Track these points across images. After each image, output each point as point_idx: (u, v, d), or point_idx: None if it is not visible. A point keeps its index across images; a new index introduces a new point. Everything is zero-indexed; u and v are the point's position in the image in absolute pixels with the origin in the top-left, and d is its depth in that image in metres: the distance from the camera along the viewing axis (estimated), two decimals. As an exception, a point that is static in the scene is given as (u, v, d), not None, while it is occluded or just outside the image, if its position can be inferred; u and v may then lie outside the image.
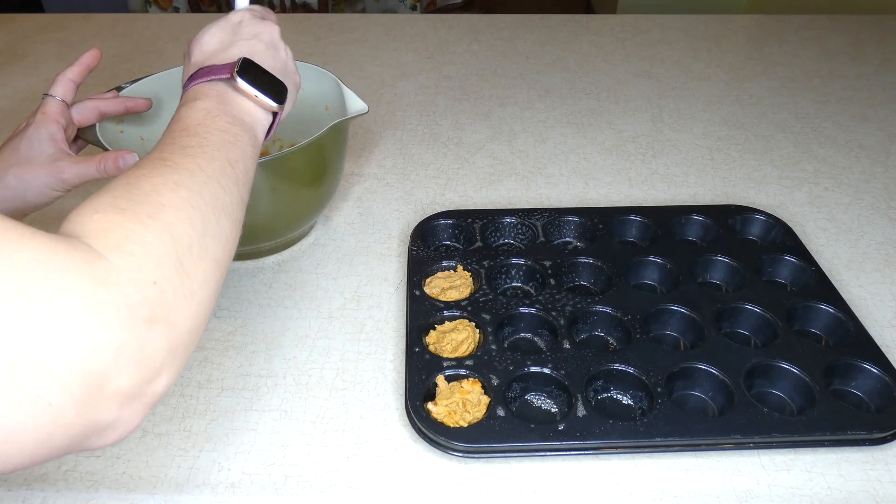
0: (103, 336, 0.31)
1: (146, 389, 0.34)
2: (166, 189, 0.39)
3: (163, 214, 0.37)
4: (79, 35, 1.32)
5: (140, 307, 0.33)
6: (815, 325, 0.68)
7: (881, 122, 1.06)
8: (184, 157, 0.43)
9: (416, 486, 0.55)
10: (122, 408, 0.32)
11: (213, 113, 0.48)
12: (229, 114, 0.49)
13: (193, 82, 0.52)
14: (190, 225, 0.39)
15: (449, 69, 1.21)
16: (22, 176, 0.61)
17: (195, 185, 0.41)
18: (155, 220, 0.37)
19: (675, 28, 1.38)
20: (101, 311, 0.31)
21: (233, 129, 0.48)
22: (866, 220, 0.85)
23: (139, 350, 0.33)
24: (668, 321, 0.68)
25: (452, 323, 0.66)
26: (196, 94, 0.50)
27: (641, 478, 0.55)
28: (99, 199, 0.37)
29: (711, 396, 0.61)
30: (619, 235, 0.80)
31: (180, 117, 0.48)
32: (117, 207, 0.37)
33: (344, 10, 3.06)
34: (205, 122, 0.47)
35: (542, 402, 0.61)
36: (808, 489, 0.54)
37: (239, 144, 0.48)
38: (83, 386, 0.30)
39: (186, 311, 0.36)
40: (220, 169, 0.44)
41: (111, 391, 0.32)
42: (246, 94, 0.51)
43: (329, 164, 0.76)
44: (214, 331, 0.69)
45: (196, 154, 0.44)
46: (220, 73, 0.51)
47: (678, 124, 1.05)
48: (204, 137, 0.46)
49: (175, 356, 0.35)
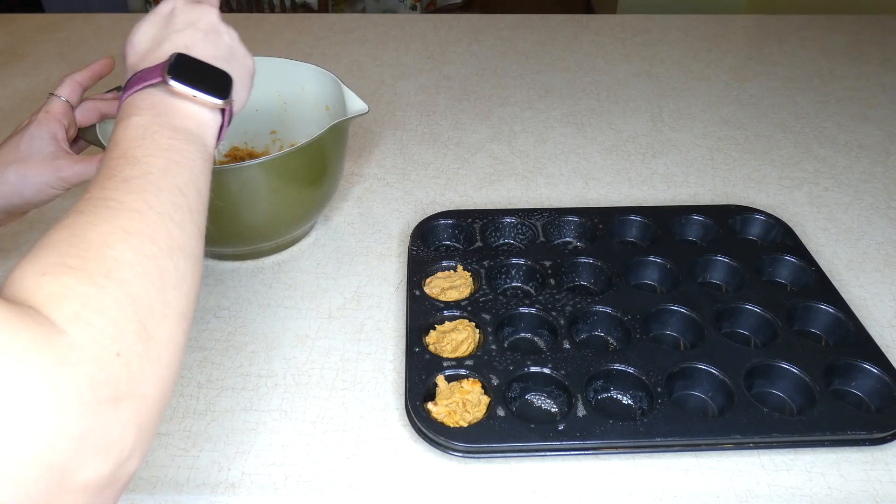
0: (66, 425, 0.28)
1: (117, 475, 0.30)
2: (116, 239, 0.35)
3: (117, 272, 0.34)
4: (79, 35, 1.32)
5: (104, 386, 0.30)
6: (815, 325, 0.68)
7: (881, 122, 1.06)
8: (128, 194, 0.38)
9: (416, 486, 0.55)
10: (92, 500, 0.29)
11: (152, 129, 0.43)
12: (169, 125, 0.44)
13: (126, 93, 0.46)
14: (147, 280, 0.35)
15: (449, 69, 1.22)
16: (22, 173, 0.60)
17: (146, 229, 0.37)
18: (111, 280, 0.33)
19: (675, 28, 1.38)
20: (62, 397, 0.28)
21: (177, 144, 0.43)
22: (866, 220, 0.85)
23: (105, 434, 0.29)
24: (668, 321, 0.68)
25: (452, 323, 0.66)
26: (129, 108, 0.45)
27: (641, 478, 0.55)
28: (42, 256, 0.33)
29: (711, 396, 0.61)
30: (619, 235, 0.80)
31: (116, 140, 0.43)
32: (66, 266, 0.33)
33: (344, 10, 3.06)
34: (142, 142, 0.42)
35: (542, 402, 0.61)
36: (808, 489, 0.54)
37: (186, 163, 0.43)
38: (42, 482, 0.27)
39: (153, 380, 0.33)
40: (171, 200, 0.40)
41: (78, 484, 0.28)
42: (183, 96, 0.45)
43: (329, 164, 0.76)
44: (214, 331, 0.69)
45: (140, 187, 0.39)
46: (150, 78, 0.46)
47: (678, 124, 1.05)
48: (146, 164, 0.41)
49: (144, 431, 0.32)
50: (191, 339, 0.68)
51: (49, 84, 1.13)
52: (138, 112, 0.44)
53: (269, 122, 0.88)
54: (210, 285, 0.74)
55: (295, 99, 0.85)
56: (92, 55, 1.22)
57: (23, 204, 0.61)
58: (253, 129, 0.88)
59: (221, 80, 0.48)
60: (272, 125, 0.88)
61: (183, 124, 0.45)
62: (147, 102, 0.45)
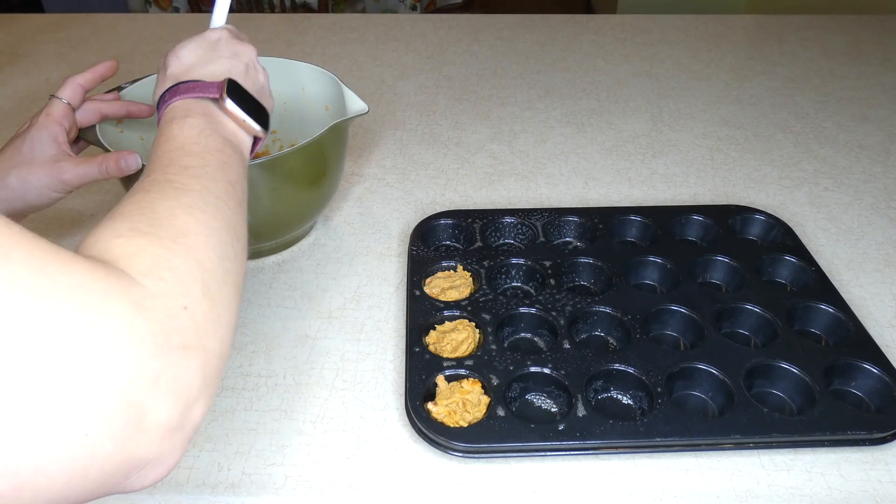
0: (142, 364, 0.30)
1: (185, 420, 0.32)
2: (182, 212, 0.38)
3: (185, 239, 0.37)
4: (79, 35, 1.32)
5: (175, 334, 0.32)
6: (815, 325, 0.68)
7: (881, 122, 1.06)
8: (189, 179, 0.42)
9: (416, 486, 0.55)
10: (161, 441, 0.31)
11: (206, 132, 0.47)
12: (220, 134, 0.48)
13: (177, 97, 0.50)
14: (211, 249, 0.38)
15: (449, 69, 1.21)
16: (23, 176, 0.60)
17: (208, 207, 0.40)
18: (179, 245, 0.36)
19: (675, 28, 1.38)
20: (140, 339, 0.30)
21: (226, 149, 0.47)
22: (866, 220, 0.85)
23: (176, 378, 0.31)
24: (668, 321, 0.68)
25: (452, 323, 0.66)
26: (185, 110, 0.49)
27: (641, 478, 0.55)
28: (115, 223, 0.36)
29: (711, 396, 0.61)
30: (619, 235, 0.80)
31: (174, 135, 0.46)
32: (139, 231, 0.36)
33: (344, 10, 3.06)
34: (200, 141, 0.46)
35: (542, 402, 0.61)
36: (808, 489, 0.54)
37: (234, 165, 0.47)
38: (122, 418, 0.29)
39: (216, 336, 0.35)
40: (225, 190, 0.43)
41: (151, 423, 0.30)
42: (233, 117, 0.50)
43: (329, 164, 0.75)
44: (214, 331, 0.69)
45: (200, 175, 0.43)
46: (207, 92, 0.50)
47: (678, 124, 1.05)
48: (203, 158, 0.44)
49: (209, 383, 0.34)
50: (191, 339, 0.68)
51: (49, 84, 1.13)
52: (194, 115, 0.48)
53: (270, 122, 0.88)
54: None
55: (295, 99, 0.85)
56: (92, 55, 1.22)
57: (24, 208, 0.62)
58: None
59: (262, 113, 0.53)
60: (272, 125, 0.88)
61: (229, 137, 0.49)
62: (201, 109, 0.49)
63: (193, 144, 0.45)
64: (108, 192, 0.86)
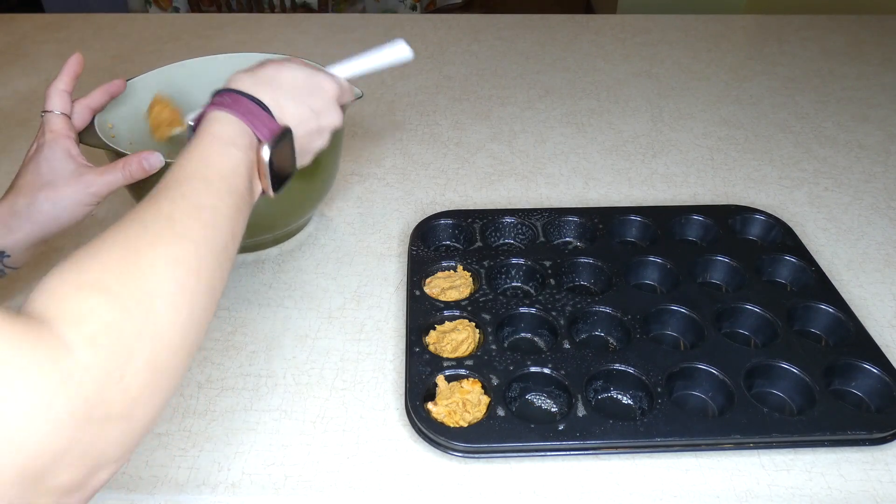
0: (53, 440, 0.28)
1: (88, 482, 0.31)
2: (163, 265, 0.36)
3: (150, 302, 0.34)
4: (79, 35, 1.32)
5: (100, 406, 0.30)
6: (815, 325, 0.68)
7: (881, 122, 1.06)
8: (193, 222, 0.40)
9: (416, 486, 0.55)
10: (61, 499, 0.30)
11: (239, 171, 0.46)
12: (250, 173, 0.48)
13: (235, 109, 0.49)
14: (176, 315, 0.36)
15: (449, 69, 1.21)
16: (53, 199, 0.59)
17: (195, 262, 0.38)
18: (140, 308, 0.34)
19: (675, 28, 1.38)
20: (57, 414, 0.28)
21: (246, 195, 0.46)
22: (866, 220, 0.85)
23: (89, 448, 0.30)
24: (668, 321, 0.68)
25: (452, 323, 0.66)
26: (234, 136, 0.48)
27: (641, 478, 0.55)
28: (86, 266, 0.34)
29: (711, 396, 0.61)
30: (619, 235, 0.80)
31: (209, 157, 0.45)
32: (102, 286, 0.33)
33: (344, 10, 3.06)
34: (229, 177, 0.45)
35: (542, 402, 0.61)
36: (808, 489, 0.54)
37: (244, 213, 0.46)
38: (17, 487, 0.28)
39: (149, 405, 0.33)
40: (223, 244, 0.42)
41: (48, 487, 0.29)
42: (260, 167, 0.49)
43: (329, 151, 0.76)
44: (214, 331, 0.69)
45: (208, 221, 0.41)
46: (260, 129, 0.49)
47: (678, 124, 1.05)
48: (220, 199, 0.43)
49: (127, 448, 0.33)
50: (191, 339, 0.68)
51: (49, 84, 1.13)
52: (238, 147, 0.47)
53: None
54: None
55: None
56: (92, 55, 1.22)
57: (59, 229, 0.61)
58: None
59: (286, 178, 0.53)
60: None
61: (253, 176, 0.49)
62: (246, 143, 0.48)
63: (221, 179, 0.44)
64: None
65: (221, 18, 1.41)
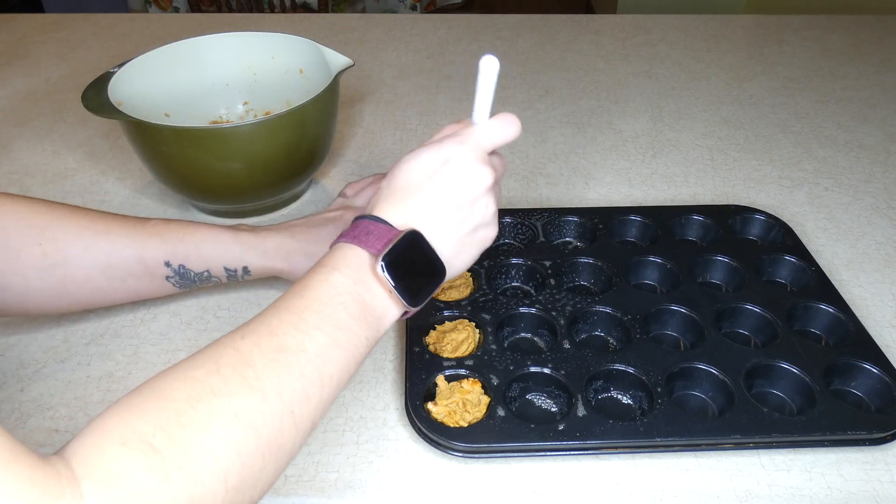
0: None
1: None
2: (221, 424, 0.33)
3: (196, 466, 0.32)
4: (79, 35, 1.32)
5: None
6: (815, 325, 0.68)
7: (881, 122, 1.06)
8: (268, 371, 0.36)
9: (416, 486, 0.55)
10: None
11: (340, 297, 0.42)
12: (359, 300, 0.43)
13: (348, 236, 0.45)
14: (223, 480, 0.33)
15: (449, 69, 1.21)
16: (301, 263, 0.64)
17: (258, 418, 0.35)
18: (182, 474, 0.31)
19: (675, 28, 1.38)
20: None
21: (353, 324, 0.42)
22: (866, 220, 0.85)
23: None
24: (668, 321, 0.68)
25: (452, 323, 0.66)
26: (340, 259, 0.44)
27: (641, 478, 0.55)
28: (139, 411, 0.32)
29: (711, 396, 0.61)
30: (619, 235, 0.80)
31: (309, 287, 0.42)
32: (150, 447, 0.31)
33: (344, 10, 3.06)
34: (324, 309, 0.41)
35: (543, 402, 0.61)
36: (808, 489, 0.54)
37: (348, 347, 0.41)
38: None
39: None
40: (303, 391, 0.38)
41: None
42: (381, 284, 0.44)
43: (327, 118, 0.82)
44: (214, 331, 0.69)
45: (284, 367, 0.37)
46: (372, 244, 0.44)
47: (678, 124, 1.05)
48: (309, 336, 0.39)
49: None
50: (190, 339, 0.68)
51: (49, 84, 1.13)
52: (343, 270, 0.44)
53: (241, 94, 0.92)
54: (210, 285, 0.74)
55: (265, 68, 0.90)
56: (92, 55, 1.22)
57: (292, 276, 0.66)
58: (226, 101, 0.93)
59: (426, 283, 0.47)
60: (244, 97, 0.93)
61: (372, 303, 0.44)
62: (356, 262, 0.44)
63: (314, 313, 0.40)
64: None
65: (221, 18, 1.41)
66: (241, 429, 0.34)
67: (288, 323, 0.40)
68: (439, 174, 0.48)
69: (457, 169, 0.49)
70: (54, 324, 0.69)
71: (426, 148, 0.50)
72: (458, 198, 0.48)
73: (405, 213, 0.47)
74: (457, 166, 0.49)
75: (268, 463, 0.36)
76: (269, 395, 0.36)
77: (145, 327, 0.69)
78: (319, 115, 0.79)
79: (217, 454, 0.33)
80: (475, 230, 0.51)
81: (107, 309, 0.71)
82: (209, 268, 0.63)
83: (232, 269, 0.63)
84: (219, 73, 0.89)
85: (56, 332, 0.68)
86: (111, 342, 0.67)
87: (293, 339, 0.39)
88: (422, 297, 0.47)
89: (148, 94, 0.82)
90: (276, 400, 0.36)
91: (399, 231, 0.46)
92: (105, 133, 1.01)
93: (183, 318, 0.70)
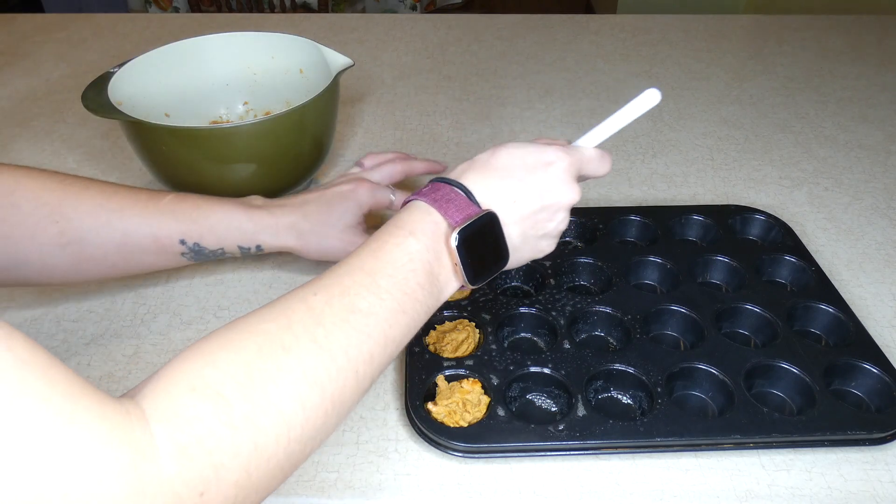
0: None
1: None
2: (289, 380, 0.34)
3: (261, 417, 0.33)
4: (79, 35, 1.32)
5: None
6: (815, 325, 0.68)
7: (881, 122, 1.06)
8: (337, 331, 0.38)
9: (416, 486, 0.55)
10: None
11: (412, 265, 0.43)
12: (428, 269, 0.44)
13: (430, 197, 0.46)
14: (286, 431, 0.34)
15: (449, 69, 1.21)
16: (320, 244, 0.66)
17: (324, 375, 0.36)
18: (248, 423, 0.32)
19: (675, 28, 1.38)
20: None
21: (420, 292, 0.43)
22: (866, 220, 0.85)
23: None
24: (668, 321, 0.68)
25: (452, 323, 0.66)
26: (417, 223, 0.45)
27: (641, 478, 0.55)
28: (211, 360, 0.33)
29: (711, 396, 0.61)
30: (619, 235, 0.80)
31: (383, 250, 0.43)
32: (218, 395, 0.32)
33: (344, 10, 3.06)
34: (396, 273, 0.42)
35: (543, 402, 0.61)
36: (808, 489, 0.54)
37: (412, 314, 0.42)
38: None
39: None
40: (369, 351, 0.39)
41: None
42: (450, 256, 0.45)
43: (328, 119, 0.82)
44: (214, 331, 0.69)
45: (355, 328, 0.38)
46: (452, 214, 0.45)
47: (678, 124, 1.05)
48: (381, 299, 0.40)
49: None
50: (190, 339, 0.68)
51: (49, 84, 1.13)
52: (418, 235, 0.44)
53: (241, 94, 0.92)
54: (210, 285, 0.74)
55: (265, 68, 0.90)
56: (92, 55, 1.22)
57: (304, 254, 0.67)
58: (226, 101, 0.93)
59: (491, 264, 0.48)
60: (244, 97, 0.93)
61: (437, 272, 0.45)
62: (432, 230, 0.45)
63: (387, 277, 0.42)
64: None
65: (221, 18, 1.41)
66: (307, 385, 0.35)
67: (360, 284, 0.41)
68: (538, 171, 0.50)
69: (555, 174, 0.50)
70: (54, 324, 0.69)
71: (535, 144, 0.52)
72: (545, 200, 0.50)
73: (491, 193, 0.48)
74: (556, 172, 0.51)
75: (329, 417, 0.37)
76: (336, 354, 0.37)
77: (145, 327, 0.69)
78: (319, 115, 0.79)
79: (282, 407, 0.34)
80: (542, 237, 0.52)
81: (107, 309, 0.71)
82: (223, 246, 0.64)
83: (245, 246, 0.65)
84: (219, 73, 0.90)
85: (56, 332, 0.68)
86: (111, 342, 0.67)
87: (364, 301, 0.40)
88: (482, 279, 0.48)
89: (148, 94, 0.82)
90: (343, 359, 0.37)
91: (480, 209, 0.46)
92: (105, 133, 1.01)
93: (183, 318, 0.70)
